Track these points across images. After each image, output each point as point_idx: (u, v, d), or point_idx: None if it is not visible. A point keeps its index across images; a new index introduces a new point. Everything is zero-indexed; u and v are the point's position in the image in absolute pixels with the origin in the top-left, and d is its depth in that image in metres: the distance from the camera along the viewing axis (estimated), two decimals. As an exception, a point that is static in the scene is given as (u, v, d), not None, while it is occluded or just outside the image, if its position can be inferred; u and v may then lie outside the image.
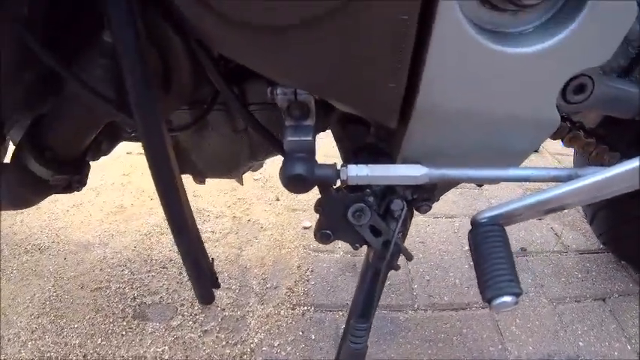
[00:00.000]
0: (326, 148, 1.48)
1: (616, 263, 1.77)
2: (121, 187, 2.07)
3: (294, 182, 0.72)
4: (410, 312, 1.49)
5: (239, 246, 1.73)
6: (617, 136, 1.01)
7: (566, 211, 1.93)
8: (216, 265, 1.62)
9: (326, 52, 0.59)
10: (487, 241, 0.68)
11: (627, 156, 1.00)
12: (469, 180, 0.73)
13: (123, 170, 2.17)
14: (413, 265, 1.67)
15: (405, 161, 0.75)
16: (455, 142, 0.71)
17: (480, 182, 0.79)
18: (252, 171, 1.21)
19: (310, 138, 0.74)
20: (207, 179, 1.18)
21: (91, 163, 0.99)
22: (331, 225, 0.86)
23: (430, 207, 0.93)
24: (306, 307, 1.48)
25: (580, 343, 1.45)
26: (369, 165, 0.73)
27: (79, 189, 0.92)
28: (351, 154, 0.89)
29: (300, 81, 0.65)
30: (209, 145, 1.06)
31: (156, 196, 0.70)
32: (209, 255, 0.90)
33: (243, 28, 0.57)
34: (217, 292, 1.51)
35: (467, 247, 1.76)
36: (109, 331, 1.39)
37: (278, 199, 2.02)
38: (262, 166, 1.30)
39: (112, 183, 2.09)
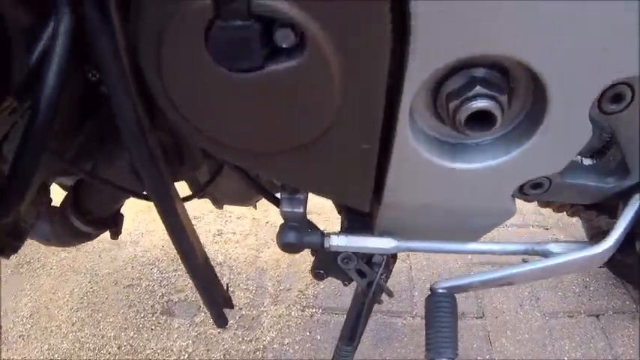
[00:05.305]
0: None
1: (615, 279, 1.82)
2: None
3: (287, 247, 0.90)
4: (408, 318, 1.63)
5: (257, 248, 1.90)
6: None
7: (570, 222, 1.96)
8: (236, 267, 1.80)
9: (312, 168, 0.71)
10: (437, 309, 0.81)
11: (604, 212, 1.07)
12: (433, 251, 0.86)
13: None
14: (416, 273, 1.80)
15: (380, 233, 0.87)
16: (420, 223, 0.83)
17: (443, 253, 0.91)
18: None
19: (301, 210, 0.88)
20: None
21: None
22: (324, 266, 1.01)
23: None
24: (314, 309, 1.65)
25: (565, 359, 1.56)
26: (348, 236, 0.86)
27: (115, 238, 1.09)
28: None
29: (295, 183, 0.81)
30: (223, 182, 1.21)
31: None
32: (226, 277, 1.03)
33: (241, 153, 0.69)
34: (236, 292, 1.70)
35: (470, 257, 1.87)
36: (140, 325, 1.59)
37: (296, 202, 2.15)
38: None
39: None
